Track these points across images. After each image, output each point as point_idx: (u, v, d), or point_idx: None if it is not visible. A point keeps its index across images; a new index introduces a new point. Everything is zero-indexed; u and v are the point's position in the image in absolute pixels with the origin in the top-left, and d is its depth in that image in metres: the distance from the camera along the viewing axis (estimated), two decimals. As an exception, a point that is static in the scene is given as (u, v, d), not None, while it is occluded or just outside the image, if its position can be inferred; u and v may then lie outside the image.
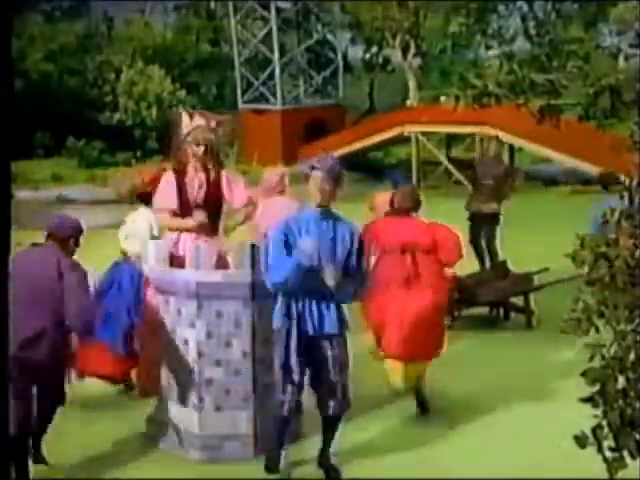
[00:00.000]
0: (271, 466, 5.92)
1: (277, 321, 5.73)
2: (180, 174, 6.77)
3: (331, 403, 5.79)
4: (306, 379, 5.81)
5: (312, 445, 6.13)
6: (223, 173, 6.86)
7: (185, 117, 6.90)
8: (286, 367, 5.65)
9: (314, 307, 5.72)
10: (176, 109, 33.65)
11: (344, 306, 5.93)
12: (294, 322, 5.66)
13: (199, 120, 6.82)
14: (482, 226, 11.30)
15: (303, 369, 5.72)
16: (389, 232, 7.19)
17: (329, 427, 5.92)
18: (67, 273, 5.62)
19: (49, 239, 5.97)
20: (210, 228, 6.81)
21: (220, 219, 6.96)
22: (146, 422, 6.46)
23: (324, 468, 5.95)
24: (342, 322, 5.82)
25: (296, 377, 5.66)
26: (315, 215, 5.79)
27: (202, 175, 6.76)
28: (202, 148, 6.68)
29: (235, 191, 6.84)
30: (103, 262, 7.72)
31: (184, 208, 6.77)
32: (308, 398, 5.96)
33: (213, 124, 6.81)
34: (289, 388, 5.68)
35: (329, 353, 5.75)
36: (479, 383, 7.78)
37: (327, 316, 5.74)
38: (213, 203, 6.82)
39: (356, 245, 5.81)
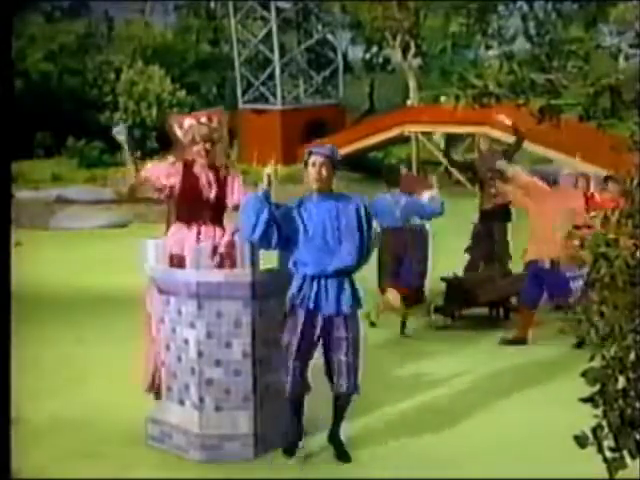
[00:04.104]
0: (290, 450, 6.08)
1: (289, 299, 5.88)
2: (188, 167, 6.73)
3: (342, 382, 5.92)
4: (315, 358, 5.99)
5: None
6: (230, 171, 6.85)
7: (175, 125, 6.88)
8: (290, 346, 5.84)
9: (330, 288, 5.84)
10: (176, 109, 33.88)
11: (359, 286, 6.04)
12: (304, 302, 5.82)
13: (189, 121, 6.83)
14: (494, 223, 11.20)
15: (309, 349, 5.88)
16: None
17: (339, 406, 6.08)
18: None
19: None
20: (217, 222, 6.81)
21: (224, 215, 6.95)
22: (146, 422, 6.46)
23: (334, 445, 6.12)
24: (357, 302, 5.94)
25: (300, 357, 5.84)
26: (316, 198, 5.90)
27: (210, 173, 6.74)
28: (202, 144, 6.67)
29: (235, 189, 6.81)
30: (103, 261, 7.73)
31: (195, 205, 6.74)
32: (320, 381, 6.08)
33: (203, 119, 6.81)
34: (291, 369, 5.84)
35: (343, 333, 5.87)
36: (479, 382, 7.78)
37: (343, 296, 5.86)
38: (221, 201, 6.81)
39: (364, 217, 5.89)
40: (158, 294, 6.45)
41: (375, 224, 6.06)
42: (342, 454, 6.07)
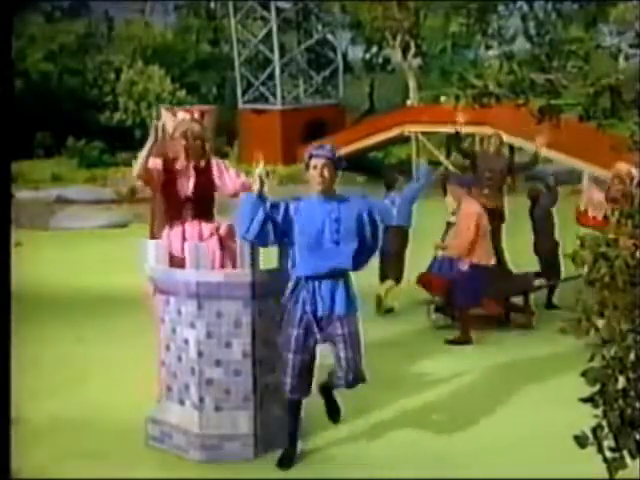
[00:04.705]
0: (285, 463, 6.01)
1: (284, 300, 5.86)
2: (169, 164, 6.75)
3: (340, 376, 5.91)
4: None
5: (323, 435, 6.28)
6: (212, 161, 6.85)
7: (167, 114, 6.91)
8: (287, 347, 5.81)
9: (324, 289, 5.80)
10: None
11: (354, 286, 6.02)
12: (299, 304, 5.79)
13: (183, 114, 6.86)
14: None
15: (307, 350, 5.83)
16: None
17: (331, 397, 6.18)
18: None
19: None
20: (203, 217, 6.81)
21: (213, 207, 6.94)
22: (146, 422, 6.46)
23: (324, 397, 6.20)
24: (352, 303, 5.89)
25: (298, 357, 5.80)
26: (317, 199, 5.83)
27: (191, 169, 6.75)
28: (190, 140, 6.69)
29: (226, 178, 6.81)
30: (103, 261, 7.72)
31: (174, 201, 6.74)
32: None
33: (197, 115, 6.84)
34: (290, 367, 5.81)
35: (339, 332, 5.83)
36: (480, 382, 7.78)
37: (337, 298, 5.82)
38: (203, 192, 6.79)
39: (367, 219, 5.86)
40: (158, 294, 6.46)
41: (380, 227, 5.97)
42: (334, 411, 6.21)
